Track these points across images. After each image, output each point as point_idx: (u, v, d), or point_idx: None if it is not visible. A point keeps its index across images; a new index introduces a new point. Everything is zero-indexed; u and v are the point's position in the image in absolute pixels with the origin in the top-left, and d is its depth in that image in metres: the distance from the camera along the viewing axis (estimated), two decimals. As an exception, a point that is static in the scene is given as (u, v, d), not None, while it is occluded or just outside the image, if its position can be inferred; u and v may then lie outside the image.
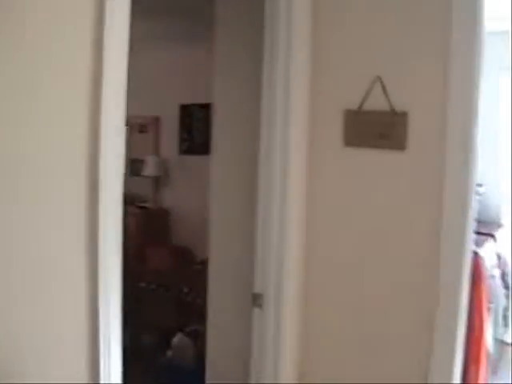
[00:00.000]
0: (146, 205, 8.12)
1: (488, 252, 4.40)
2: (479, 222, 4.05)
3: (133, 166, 8.53)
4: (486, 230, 4.86)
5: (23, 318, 1.78)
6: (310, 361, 2.85)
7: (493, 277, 4.44)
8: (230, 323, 3.16)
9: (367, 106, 2.69)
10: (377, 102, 2.66)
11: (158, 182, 8.21)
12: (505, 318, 5.05)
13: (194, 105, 7.67)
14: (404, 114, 2.60)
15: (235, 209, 3.16)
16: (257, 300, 2.78)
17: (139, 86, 8.35)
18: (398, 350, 2.62)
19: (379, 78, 2.65)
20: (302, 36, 2.74)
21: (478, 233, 4.10)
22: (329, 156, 2.81)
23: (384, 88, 2.64)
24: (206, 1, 3.38)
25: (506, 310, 5.03)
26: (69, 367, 1.92)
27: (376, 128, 2.67)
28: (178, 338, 4.55)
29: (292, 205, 2.72)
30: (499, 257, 4.88)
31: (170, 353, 4.57)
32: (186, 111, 7.75)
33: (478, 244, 3.90)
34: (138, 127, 8.47)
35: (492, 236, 4.80)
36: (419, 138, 2.59)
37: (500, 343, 4.81)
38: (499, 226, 5.38)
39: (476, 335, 3.78)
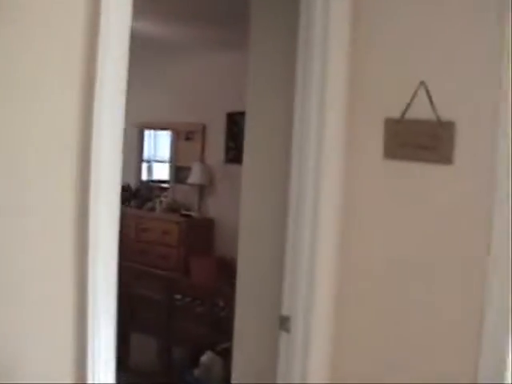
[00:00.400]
0: (191, 213, 7.97)
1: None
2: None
3: (178, 174, 8.43)
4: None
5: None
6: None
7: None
8: (257, 345, 2.94)
9: (410, 115, 2.44)
10: (421, 111, 2.42)
11: (203, 190, 8.07)
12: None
13: (240, 113, 7.47)
14: (451, 124, 2.34)
15: (266, 222, 2.94)
16: (284, 323, 2.56)
17: (186, 94, 8.29)
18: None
19: (424, 84, 2.41)
20: (339, 41, 2.53)
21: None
22: (367, 169, 2.57)
23: (429, 95, 2.39)
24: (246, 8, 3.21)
25: None
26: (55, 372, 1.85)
27: (420, 139, 2.42)
28: (206, 357, 4.35)
29: (325, 221, 2.50)
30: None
31: (197, 371, 4.37)
32: (233, 119, 7.59)
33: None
34: (184, 134, 8.35)
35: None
36: (468, 151, 2.33)
37: None
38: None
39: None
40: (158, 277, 5.14)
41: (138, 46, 7.78)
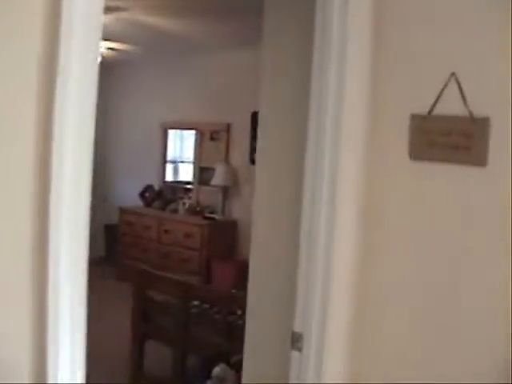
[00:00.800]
0: (214, 216, 7.75)
1: None
2: None
3: (202, 175, 8.22)
4: None
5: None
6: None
7: None
8: (269, 360, 2.69)
9: (439, 111, 2.18)
10: (451, 106, 2.15)
11: (226, 191, 7.84)
12: None
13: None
14: (485, 121, 2.07)
15: (279, 229, 2.69)
16: (296, 341, 2.31)
17: (211, 92, 8.08)
18: None
19: (455, 76, 2.14)
20: (359, 33, 2.27)
21: None
22: (390, 173, 2.30)
23: (460, 88, 2.13)
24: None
25: None
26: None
27: (450, 138, 2.15)
28: (219, 369, 4.11)
29: (341, 231, 2.24)
30: None
31: (209, 383, 4.13)
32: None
33: None
34: (209, 134, 8.14)
35: None
36: (504, 151, 2.06)
37: None
38: None
39: None
40: (173, 282, 4.91)
41: (161, 44, 7.62)
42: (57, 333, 1.61)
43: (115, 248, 8.66)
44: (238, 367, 3.71)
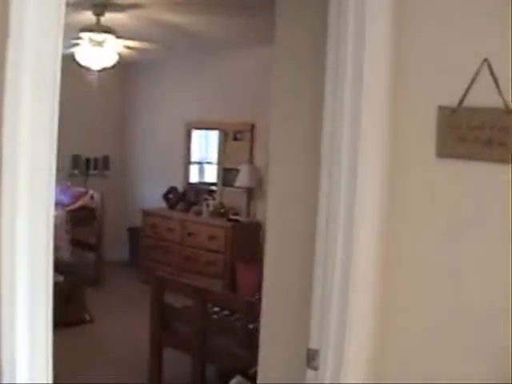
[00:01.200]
0: (238, 218, 7.55)
1: None
2: None
3: (226, 176, 8.03)
4: None
5: None
6: None
7: None
8: (283, 375, 2.46)
9: (470, 102, 1.94)
10: (484, 96, 1.91)
11: (251, 193, 7.64)
12: None
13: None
14: (523, 113, 1.84)
15: (294, 234, 2.47)
16: (312, 359, 2.09)
17: (235, 91, 7.88)
18: None
19: (487, 62, 1.90)
20: (380, 14, 2.04)
21: None
22: (415, 172, 2.07)
23: (494, 75, 1.89)
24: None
25: None
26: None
27: (482, 132, 1.91)
28: (235, 381, 3.89)
29: (361, 237, 2.01)
30: None
31: (224, 396, 3.93)
32: (282, 118, 7.12)
33: None
34: (232, 135, 7.94)
35: None
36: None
37: None
38: None
39: None
40: (191, 288, 4.71)
41: (183, 43, 7.45)
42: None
43: (139, 251, 8.51)
44: (256, 379, 3.50)
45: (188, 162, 8.71)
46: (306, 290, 2.16)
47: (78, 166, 8.98)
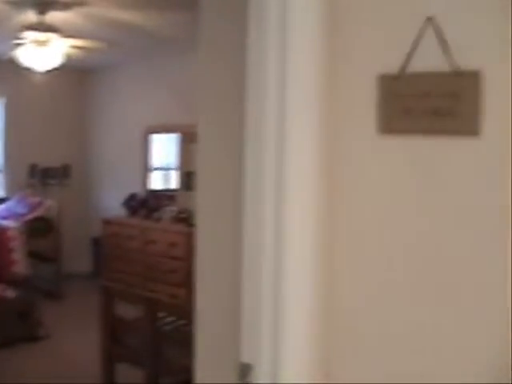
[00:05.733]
0: (200, 223, 7.22)
1: None
2: None
3: (187, 180, 7.72)
4: None
5: None
6: None
7: None
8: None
9: (414, 67, 1.66)
10: (430, 60, 1.64)
11: (213, 197, 7.30)
12: None
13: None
14: (475, 75, 1.56)
15: (225, 235, 2.18)
16: (245, 374, 1.79)
17: (193, 93, 7.57)
18: None
19: (432, 21, 1.63)
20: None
21: None
22: (355, 151, 1.78)
23: (440, 35, 1.61)
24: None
25: None
26: None
27: (429, 101, 1.63)
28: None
29: (293, 231, 1.72)
30: None
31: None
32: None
33: None
34: (192, 137, 7.62)
35: None
36: (503, 115, 1.55)
37: None
38: None
39: None
40: (140, 298, 4.40)
41: (139, 44, 7.13)
42: None
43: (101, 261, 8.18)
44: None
45: (148, 168, 8.40)
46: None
47: (36, 175, 8.61)
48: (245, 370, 1.79)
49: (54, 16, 5.59)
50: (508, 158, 1.55)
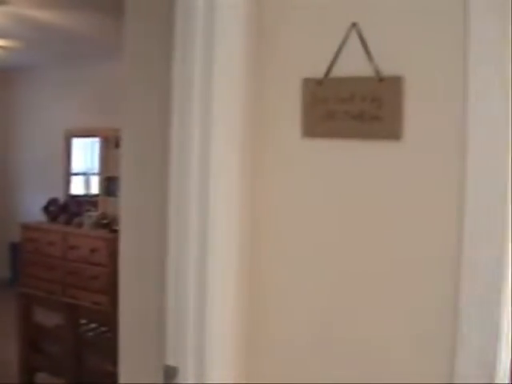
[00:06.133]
0: (123, 228, 7.13)
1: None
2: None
3: (108, 185, 7.62)
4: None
5: None
6: None
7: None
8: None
9: (338, 72, 1.70)
10: (354, 65, 1.68)
11: (136, 202, 7.22)
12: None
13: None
14: (397, 81, 1.61)
15: (149, 236, 2.16)
16: (170, 377, 1.78)
17: (115, 97, 7.47)
18: None
19: (356, 27, 1.67)
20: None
21: None
22: (280, 156, 1.80)
23: (363, 41, 1.65)
24: None
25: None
26: None
27: (353, 105, 1.67)
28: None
29: (218, 234, 1.72)
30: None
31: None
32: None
33: None
34: (114, 141, 7.52)
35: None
36: (424, 120, 1.60)
37: None
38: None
39: None
40: (63, 304, 4.30)
41: (59, 45, 6.99)
42: None
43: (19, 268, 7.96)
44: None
45: (69, 172, 8.23)
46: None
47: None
48: (170, 373, 1.78)
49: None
50: (428, 161, 1.60)
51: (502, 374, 1.55)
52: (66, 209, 7.84)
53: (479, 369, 1.53)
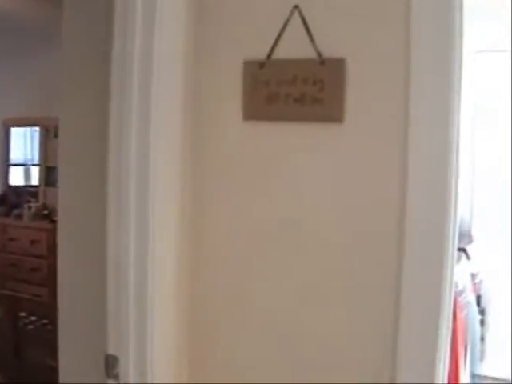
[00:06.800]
0: (64, 219, 7.00)
1: (461, 273, 3.48)
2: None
3: (49, 176, 7.46)
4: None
5: None
6: None
7: (469, 304, 3.52)
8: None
9: (280, 54, 1.68)
10: (296, 47, 1.66)
11: (77, 193, 7.10)
12: (481, 350, 4.21)
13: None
14: (339, 63, 1.60)
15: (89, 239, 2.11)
16: (111, 366, 1.74)
17: (55, 85, 7.32)
18: None
19: (298, 9, 1.65)
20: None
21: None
22: (221, 140, 1.77)
23: (305, 23, 1.64)
24: None
25: (482, 340, 4.17)
26: None
27: (294, 87, 1.65)
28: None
29: (158, 224, 1.69)
30: (473, 277, 3.98)
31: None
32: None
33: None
34: (54, 131, 7.36)
35: (464, 251, 3.87)
36: (366, 103, 1.59)
37: (478, 378, 3.96)
38: (471, 239, 4.44)
39: (449, 375, 2.85)
40: (1, 297, 4.20)
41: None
42: None
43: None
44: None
45: (8, 162, 8.04)
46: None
47: None
48: (111, 362, 1.74)
49: None
50: (370, 144, 1.59)
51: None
52: (5, 200, 7.66)
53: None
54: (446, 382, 1.59)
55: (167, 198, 1.73)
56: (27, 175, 8.06)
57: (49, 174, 7.48)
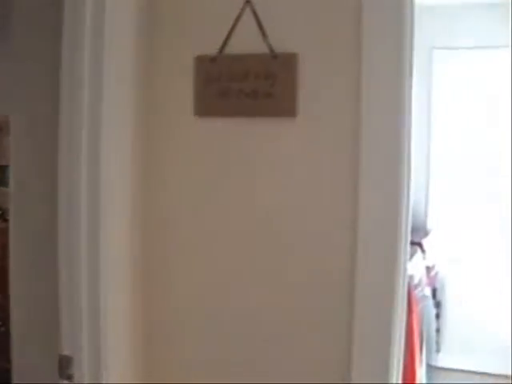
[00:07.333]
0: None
1: (417, 267, 3.52)
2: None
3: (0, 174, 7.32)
4: (411, 237, 3.97)
5: None
6: None
7: (425, 297, 3.57)
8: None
9: (232, 49, 1.67)
10: (248, 42, 1.65)
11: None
12: (437, 342, 4.27)
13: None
14: (292, 58, 1.60)
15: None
16: (65, 367, 1.71)
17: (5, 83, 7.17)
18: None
19: (250, 4, 1.64)
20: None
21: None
22: (173, 136, 1.75)
23: (257, 18, 1.63)
24: None
25: (438, 332, 4.24)
26: None
27: (246, 82, 1.65)
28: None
29: (109, 225, 1.67)
30: (429, 270, 4.03)
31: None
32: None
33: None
34: (6, 128, 7.23)
35: (419, 245, 3.92)
36: (319, 97, 1.60)
37: (434, 369, 4.02)
38: (426, 232, 4.50)
39: (406, 367, 2.89)
40: None
41: None
42: None
43: None
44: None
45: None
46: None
47: None
48: (65, 363, 1.72)
49: None
50: (323, 138, 1.60)
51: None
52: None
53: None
54: (400, 374, 1.61)
55: (119, 195, 1.71)
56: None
57: (0, 172, 7.35)
